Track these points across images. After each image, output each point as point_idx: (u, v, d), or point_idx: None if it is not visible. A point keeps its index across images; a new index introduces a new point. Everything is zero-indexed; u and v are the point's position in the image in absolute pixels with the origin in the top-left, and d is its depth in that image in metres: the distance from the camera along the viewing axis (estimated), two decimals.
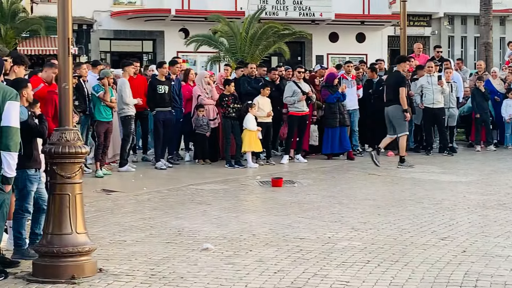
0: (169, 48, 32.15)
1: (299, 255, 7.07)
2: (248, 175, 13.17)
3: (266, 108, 14.54)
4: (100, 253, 6.93)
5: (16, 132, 5.26)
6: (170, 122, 13.95)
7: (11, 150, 5.21)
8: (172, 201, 10.48)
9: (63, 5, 6.48)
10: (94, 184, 11.59)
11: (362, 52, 33.72)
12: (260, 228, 8.39)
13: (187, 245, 7.50)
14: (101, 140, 12.74)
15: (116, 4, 33.03)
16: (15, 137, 5.24)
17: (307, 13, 32.03)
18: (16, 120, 5.28)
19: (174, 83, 14.25)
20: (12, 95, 5.32)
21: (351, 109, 15.85)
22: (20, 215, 7.07)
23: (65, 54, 6.48)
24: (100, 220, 8.94)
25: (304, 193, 11.05)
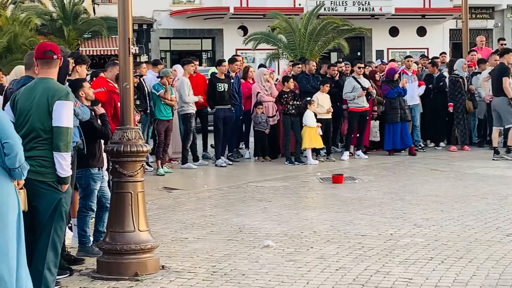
0: (228, 46, 32.34)
1: (360, 252, 7.01)
2: (308, 172, 13.11)
3: (325, 105, 14.47)
4: (162, 250, 7.00)
5: (66, 132, 5.24)
6: (230, 120, 14.00)
7: (61, 150, 5.23)
8: (233, 198, 10.52)
9: (124, 6, 6.55)
10: (155, 182, 11.71)
11: (423, 46, 33.29)
12: (321, 225, 8.35)
13: (248, 242, 7.51)
14: (161, 138, 12.86)
15: (175, 3, 33.37)
16: (65, 137, 5.22)
17: (367, 8, 31.78)
18: (66, 120, 5.25)
19: (233, 81, 14.30)
20: (62, 94, 5.30)
21: (412, 104, 15.63)
22: (84, 213, 7.21)
23: (125, 54, 6.56)
24: (161, 217, 9.03)
25: (365, 190, 10.95)
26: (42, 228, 5.39)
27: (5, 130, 4.79)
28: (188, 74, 13.91)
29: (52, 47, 5.68)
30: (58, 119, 5.29)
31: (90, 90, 7.40)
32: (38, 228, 5.39)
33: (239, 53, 23.21)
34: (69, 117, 5.32)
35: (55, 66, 5.57)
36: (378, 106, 15.41)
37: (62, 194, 5.34)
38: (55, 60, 5.57)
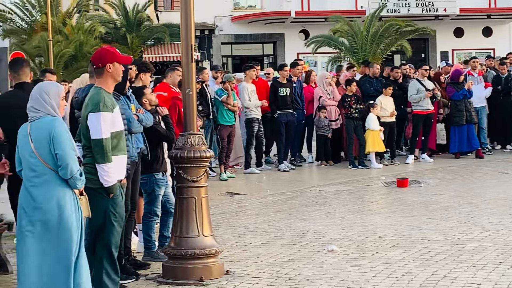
0: (289, 50, 32.32)
1: (427, 257, 6.89)
2: (372, 176, 12.99)
3: (389, 108, 14.31)
4: (226, 255, 7.02)
5: (100, 144, 5.24)
6: (292, 124, 13.97)
7: (98, 162, 5.29)
8: (296, 203, 10.49)
9: (186, 13, 6.60)
10: (218, 187, 11.77)
11: (489, 47, 32.60)
12: (386, 230, 8.25)
13: (312, 247, 7.47)
14: (224, 143, 12.92)
15: (236, 9, 33.55)
16: (99, 149, 5.25)
17: (430, 8, 31.32)
18: (99, 132, 5.28)
19: (295, 85, 14.27)
20: (92, 107, 5.34)
21: (478, 106, 15.32)
22: (149, 219, 7.28)
23: (188, 60, 6.61)
24: (225, 222, 9.07)
25: (431, 194, 10.77)
26: (96, 235, 5.47)
27: (59, 142, 4.90)
28: (250, 79, 13.94)
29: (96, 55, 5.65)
30: (92, 131, 5.33)
31: (153, 95, 7.48)
32: (93, 234, 5.48)
33: (301, 57, 23.21)
34: (102, 128, 5.28)
35: (99, 74, 5.55)
36: (443, 108, 15.16)
37: (109, 201, 5.39)
38: (97, 69, 5.56)
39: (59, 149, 4.89)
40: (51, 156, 4.90)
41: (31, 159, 4.92)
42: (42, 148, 4.90)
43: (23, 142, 4.99)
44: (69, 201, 4.95)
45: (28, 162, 4.94)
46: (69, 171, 4.89)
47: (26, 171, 4.98)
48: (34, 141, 4.92)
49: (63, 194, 4.93)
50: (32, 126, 4.97)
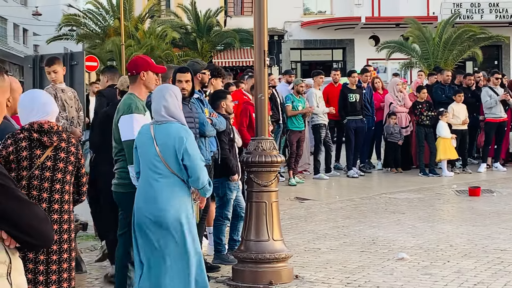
0: (359, 56, 32.16)
1: (500, 267, 6.77)
2: (443, 184, 12.81)
3: (461, 115, 14.09)
4: (295, 260, 7.03)
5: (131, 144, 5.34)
6: (362, 130, 13.90)
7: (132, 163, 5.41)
8: (365, 209, 10.43)
9: (259, 19, 6.65)
10: (287, 192, 11.79)
11: None
12: (457, 239, 8.13)
13: (382, 254, 7.42)
14: (293, 148, 12.94)
15: (306, 14, 33.58)
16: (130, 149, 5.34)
17: (505, 15, 30.68)
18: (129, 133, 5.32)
19: (365, 91, 14.20)
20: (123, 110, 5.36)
21: None
22: (220, 222, 7.37)
23: (261, 66, 6.66)
24: (294, 227, 9.09)
25: (504, 203, 10.57)
26: None
27: (190, 154, 5.00)
28: (317, 85, 13.95)
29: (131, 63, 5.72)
30: (123, 133, 5.39)
31: (232, 103, 7.57)
32: None
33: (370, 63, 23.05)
34: (134, 128, 5.34)
35: (133, 81, 5.63)
36: None
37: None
38: (132, 76, 5.65)
39: (190, 161, 4.99)
40: (177, 163, 5.00)
41: (156, 162, 5.01)
42: (168, 153, 4.99)
43: (146, 144, 5.06)
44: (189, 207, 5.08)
45: (151, 164, 5.03)
46: (201, 182, 5.02)
47: (148, 172, 5.04)
48: (160, 146, 5.00)
49: (186, 200, 5.07)
50: (158, 130, 5.04)
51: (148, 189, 5.02)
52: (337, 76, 14.78)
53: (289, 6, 31.88)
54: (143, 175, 5.08)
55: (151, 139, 5.02)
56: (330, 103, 13.95)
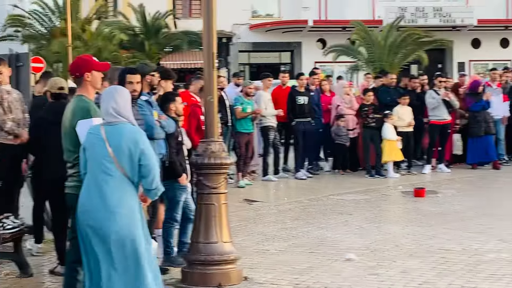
0: (306, 58, 32.39)
1: (444, 267, 6.91)
2: (389, 185, 13.01)
3: (406, 118, 14.34)
4: (244, 261, 7.05)
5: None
6: (310, 133, 14.03)
7: None
8: (313, 211, 10.53)
9: (208, 21, 6.67)
10: (236, 194, 11.82)
11: (507, 58, 32.53)
12: (403, 239, 8.28)
13: (330, 255, 7.51)
14: (242, 151, 12.99)
15: (254, 17, 33.68)
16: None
17: (448, 19, 31.31)
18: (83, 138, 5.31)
19: (313, 94, 14.33)
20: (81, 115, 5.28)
21: (496, 117, 15.30)
22: (169, 225, 7.36)
23: (210, 68, 6.68)
24: (243, 229, 9.12)
25: (448, 204, 10.79)
26: None
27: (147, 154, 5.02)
28: (266, 87, 14.04)
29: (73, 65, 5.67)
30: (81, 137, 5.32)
31: (181, 105, 7.56)
32: None
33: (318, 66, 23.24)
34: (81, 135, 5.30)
35: (79, 83, 5.56)
36: (461, 119, 15.16)
37: None
38: (77, 79, 5.57)
39: (146, 161, 4.98)
40: (130, 165, 4.98)
41: (107, 163, 4.97)
42: (122, 155, 4.96)
43: (97, 145, 5.01)
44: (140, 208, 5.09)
45: (102, 165, 4.98)
46: (155, 182, 5.04)
47: (98, 173, 4.98)
48: (114, 147, 4.96)
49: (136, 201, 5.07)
50: (110, 131, 5.01)
51: (97, 191, 4.97)
52: (285, 79, 14.92)
53: (238, 9, 31.93)
54: (91, 177, 5.03)
55: (102, 140, 4.99)
56: (278, 105, 14.04)
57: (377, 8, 32.06)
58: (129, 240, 4.95)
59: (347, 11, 31.30)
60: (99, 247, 4.95)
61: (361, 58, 23.62)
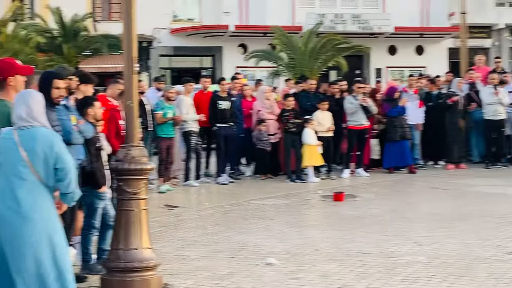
0: (227, 63, 32.45)
1: (362, 270, 7.04)
2: (310, 190, 13.17)
3: (326, 123, 14.55)
4: (165, 268, 7.01)
5: None
6: (232, 137, 14.06)
7: None
8: (235, 216, 10.55)
9: (128, 24, 6.60)
10: (157, 200, 11.75)
11: (422, 65, 33.42)
12: (323, 243, 8.39)
13: (251, 260, 7.54)
14: (163, 156, 12.92)
15: (175, 21, 33.53)
16: None
17: (366, 26, 31.96)
18: None
19: (235, 99, 14.37)
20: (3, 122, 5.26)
21: (412, 123, 15.70)
22: (88, 232, 7.24)
23: (130, 72, 6.61)
24: (164, 235, 9.07)
25: (366, 207, 10.99)
26: None
27: (63, 157, 4.92)
28: (187, 92, 14.01)
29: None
30: None
31: (100, 110, 7.45)
32: None
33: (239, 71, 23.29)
34: None
35: (1, 87, 5.46)
36: (378, 124, 15.49)
37: None
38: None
39: (63, 164, 4.89)
40: (45, 169, 4.87)
41: (21, 168, 4.85)
42: (36, 159, 4.85)
43: (10, 149, 4.88)
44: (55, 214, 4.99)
45: (16, 170, 4.85)
46: (71, 186, 4.94)
47: (11, 178, 4.85)
48: (28, 151, 4.84)
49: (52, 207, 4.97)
50: (23, 135, 4.89)
51: (11, 196, 4.83)
52: (207, 84, 14.93)
53: (158, 13, 31.70)
54: (5, 182, 4.89)
55: (16, 145, 4.88)
56: (200, 110, 14.04)
57: (297, 14, 32.43)
58: (44, 246, 4.84)
59: (268, 16, 31.51)
60: (12, 254, 4.82)
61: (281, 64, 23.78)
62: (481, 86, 16.51)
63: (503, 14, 36.48)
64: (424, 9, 34.26)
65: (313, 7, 32.75)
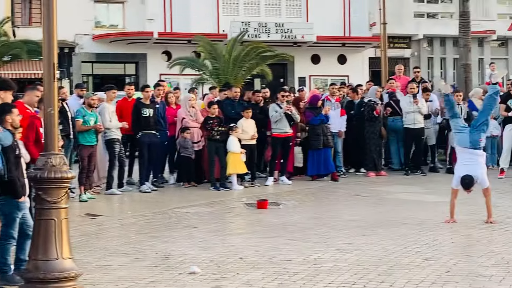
0: (151, 70, 32.25)
1: (285, 277, 7.08)
2: (233, 198, 13.18)
3: (250, 130, 14.61)
4: (86, 278, 6.90)
5: None
6: (155, 145, 13.96)
7: None
8: (158, 224, 10.46)
9: (48, 30, 6.49)
10: (78, 209, 11.56)
11: (344, 74, 34.03)
12: (246, 251, 8.40)
13: (174, 269, 7.49)
14: (84, 164, 12.72)
15: (98, 27, 33.12)
16: None
17: (289, 35, 32.31)
18: None
19: (158, 106, 14.27)
20: None
21: (334, 131, 15.92)
22: (5, 242, 7.03)
23: (50, 79, 6.49)
24: (85, 245, 8.91)
25: (289, 215, 11.07)
26: None
27: None
28: (110, 99, 13.84)
29: None
30: None
31: (18, 117, 7.26)
32: None
33: (163, 78, 23.16)
34: None
35: None
36: (301, 132, 15.65)
37: None
38: None
39: None
40: None
41: None
42: None
43: None
44: None
45: None
46: None
47: None
48: None
49: None
50: None
51: None
52: (131, 91, 14.79)
53: (80, 19, 31.28)
54: None
55: None
56: (123, 118, 13.89)
57: (222, 22, 32.53)
58: None
59: (193, 24, 31.51)
60: None
61: (206, 71, 23.79)
62: (401, 96, 16.89)
63: (421, 25, 37.52)
64: (346, 19, 34.88)
65: (237, 15, 32.91)
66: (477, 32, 35.45)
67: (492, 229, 9.58)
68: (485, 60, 37.40)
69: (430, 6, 38.47)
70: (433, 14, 38.72)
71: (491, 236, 9.15)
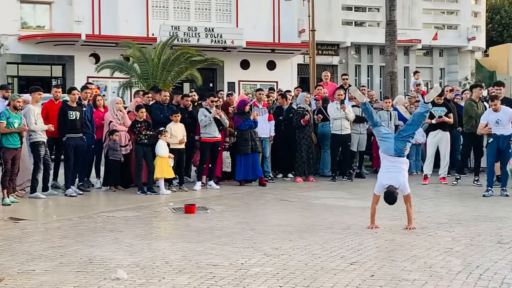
0: (79, 73, 31.84)
1: (212, 282, 7.07)
2: (161, 202, 13.11)
3: (178, 135, 14.56)
4: (7, 283, 6.76)
5: None
6: (81, 148, 13.78)
7: None
8: (83, 228, 10.31)
9: None
10: (1, 212, 11.30)
11: (273, 80, 34.32)
12: (173, 255, 8.36)
13: (99, 274, 7.39)
14: (8, 167, 12.45)
15: (24, 28, 32.48)
16: None
17: (219, 40, 32.38)
18: None
19: (85, 109, 14.09)
20: None
21: (262, 137, 16.03)
22: None
23: None
24: (7, 249, 8.71)
25: (217, 220, 11.07)
26: None
27: None
28: (35, 101, 13.59)
29: None
30: None
31: None
32: None
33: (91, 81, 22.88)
34: None
35: None
36: (230, 137, 15.69)
37: None
38: None
39: None
40: None
41: None
42: None
43: None
44: None
45: None
46: None
47: None
48: None
49: None
50: None
51: None
52: (58, 93, 14.56)
53: (6, 19, 30.62)
54: None
55: None
56: (49, 120, 13.66)
57: (152, 25, 32.35)
58: None
59: (121, 27, 31.25)
60: None
61: (134, 75, 23.61)
62: (329, 102, 17.12)
63: (349, 33, 38.20)
64: (276, 26, 35.20)
65: (166, 19, 32.82)
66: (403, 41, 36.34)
67: (416, 234, 9.79)
68: (410, 68, 38.30)
69: (358, 14, 39.19)
70: (360, 22, 39.46)
71: (414, 241, 9.34)
